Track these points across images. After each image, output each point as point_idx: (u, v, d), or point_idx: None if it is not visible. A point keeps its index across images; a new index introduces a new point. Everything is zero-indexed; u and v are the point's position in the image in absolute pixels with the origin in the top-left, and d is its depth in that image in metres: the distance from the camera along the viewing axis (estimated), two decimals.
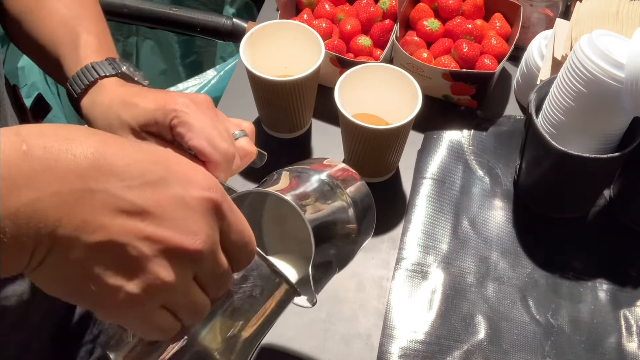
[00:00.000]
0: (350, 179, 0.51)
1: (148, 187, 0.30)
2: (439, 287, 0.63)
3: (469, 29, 0.76)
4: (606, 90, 0.54)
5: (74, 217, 0.28)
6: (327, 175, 0.48)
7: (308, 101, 0.71)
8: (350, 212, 0.47)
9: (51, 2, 0.54)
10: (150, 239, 0.30)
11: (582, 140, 0.59)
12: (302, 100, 0.69)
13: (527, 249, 0.66)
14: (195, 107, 0.47)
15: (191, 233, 0.31)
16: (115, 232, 0.29)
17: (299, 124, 0.74)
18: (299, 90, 0.68)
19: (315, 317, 0.62)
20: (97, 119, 0.50)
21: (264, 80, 0.66)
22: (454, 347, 0.59)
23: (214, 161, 0.46)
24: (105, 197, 0.29)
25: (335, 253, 0.47)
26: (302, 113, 0.72)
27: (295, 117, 0.72)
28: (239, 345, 0.38)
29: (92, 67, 0.50)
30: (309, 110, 0.74)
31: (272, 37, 0.70)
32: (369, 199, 0.51)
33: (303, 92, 0.68)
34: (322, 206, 0.46)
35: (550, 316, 0.61)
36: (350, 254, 0.50)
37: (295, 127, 0.75)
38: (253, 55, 0.69)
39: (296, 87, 0.67)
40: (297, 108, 0.70)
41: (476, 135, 0.75)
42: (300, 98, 0.69)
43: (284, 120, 0.73)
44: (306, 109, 0.73)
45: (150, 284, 0.30)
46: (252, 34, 0.69)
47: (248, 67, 0.66)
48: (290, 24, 0.71)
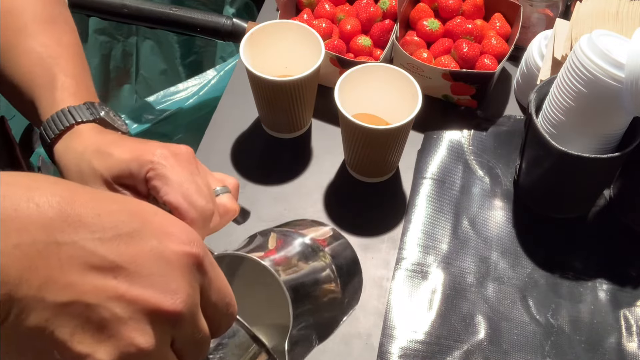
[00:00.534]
0: (337, 244, 0.48)
1: (122, 240, 0.28)
2: (439, 287, 0.63)
3: (469, 29, 0.76)
4: (606, 90, 0.54)
5: (37, 274, 0.25)
6: (310, 239, 0.46)
7: (308, 101, 0.71)
8: (333, 277, 0.45)
9: (26, 40, 0.50)
10: (124, 299, 0.27)
11: (582, 140, 0.59)
12: (302, 100, 0.69)
13: (527, 249, 0.66)
14: (173, 160, 0.43)
15: (170, 292, 0.28)
16: (84, 290, 0.26)
17: (299, 124, 0.74)
18: (299, 91, 0.68)
19: None
20: (68, 167, 0.46)
21: (264, 80, 0.66)
22: (454, 347, 0.59)
23: (189, 218, 0.42)
24: (73, 251, 0.26)
25: (316, 323, 0.44)
26: (302, 113, 0.72)
27: (295, 117, 0.72)
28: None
29: (68, 112, 0.47)
30: (309, 111, 0.74)
31: (272, 37, 0.70)
32: (356, 265, 0.48)
33: (303, 92, 0.68)
34: (303, 270, 0.43)
35: (550, 316, 0.61)
36: (333, 324, 0.46)
37: (295, 127, 0.75)
38: (253, 55, 0.69)
39: (296, 87, 0.67)
40: (297, 108, 0.70)
41: (476, 135, 0.75)
42: (301, 98, 0.69)
43: (284, 120, 0.73)
44: (306, 109, 0.73)
45: (123, 350, 0.27)
46: (252, 34, 0.69)
47: (248, 67, 0.66)
48: (291, 24, 0.71)
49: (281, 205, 0.70)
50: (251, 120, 0.78)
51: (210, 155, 0.75)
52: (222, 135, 0.77)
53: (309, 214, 0.69)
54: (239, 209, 0.49)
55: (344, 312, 0.47)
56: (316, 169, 0.74)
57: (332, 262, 0.44)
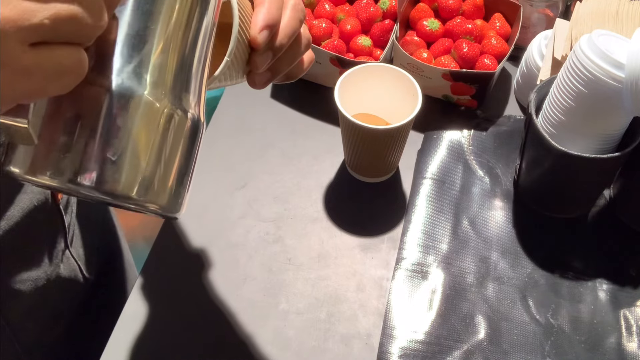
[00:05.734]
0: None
1: None
2: (439, 287, 0.63)
3: (469, 29, 0.76)
4: (606, 90, 0.54)
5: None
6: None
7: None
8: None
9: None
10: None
11: (582, 140, 0.59)
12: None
13: (527, 249, 0.66)
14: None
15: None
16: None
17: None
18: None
19: (315, 317, 0.62)
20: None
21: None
22: (454, 347, 0.59)
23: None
24: None
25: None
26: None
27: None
28: (171, 65, 0.31)
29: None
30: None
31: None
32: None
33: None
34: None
35: (550, 316, 0.61)
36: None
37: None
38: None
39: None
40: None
41: (476, 135, 0.75)
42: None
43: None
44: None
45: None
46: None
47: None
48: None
49: (281, 205, 0.70)
50: (251, 121, 0.78)
51: (210, 155, 0.75)
52: (222, 135, 0.77)
53: (309, 214, 0.69)
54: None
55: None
56: (316, 169, 0.74)
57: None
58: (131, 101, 0.29)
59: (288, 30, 0.40)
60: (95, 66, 0.29)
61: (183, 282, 0.65)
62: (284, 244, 0.67)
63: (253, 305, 0.63)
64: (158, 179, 0.30)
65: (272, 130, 0.77)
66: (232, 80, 0.41)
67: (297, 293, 0.63)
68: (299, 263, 0.66)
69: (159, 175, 0.30)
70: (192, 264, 0.66)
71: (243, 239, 0.68)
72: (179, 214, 0.33)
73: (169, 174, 0.31)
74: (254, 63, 0.39)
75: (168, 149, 0.31)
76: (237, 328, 0.61)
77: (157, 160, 0.30)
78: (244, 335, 0.61)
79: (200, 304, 0.63)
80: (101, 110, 0.28)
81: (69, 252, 0.67)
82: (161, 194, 0.31)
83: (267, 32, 0.38)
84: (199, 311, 0.63)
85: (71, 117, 0.28)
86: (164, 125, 0.30)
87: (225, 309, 0.63)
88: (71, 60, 0.25)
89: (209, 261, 0.66)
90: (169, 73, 0.31)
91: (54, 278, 0.64)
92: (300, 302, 0.63)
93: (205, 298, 0.63)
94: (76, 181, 0.28)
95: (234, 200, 0.71)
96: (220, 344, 0.60)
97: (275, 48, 0.39)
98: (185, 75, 0.32)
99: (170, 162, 0.31)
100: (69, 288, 0.68)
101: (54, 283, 0.64)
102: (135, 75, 0.29)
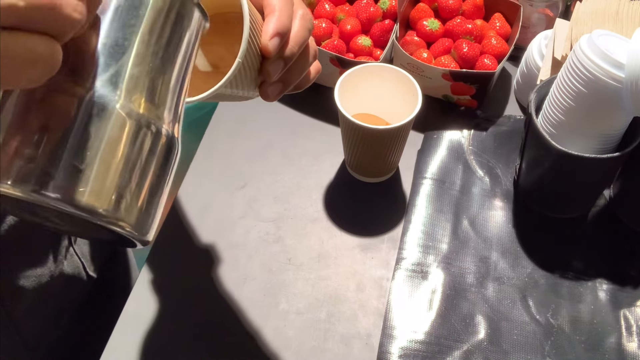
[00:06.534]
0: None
1: None
2: (439, 287, 0.63)
3: (469, 29, 0.76)
4: (606, 90, 0.54)
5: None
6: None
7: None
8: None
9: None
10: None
11: (582, 140, 0.59)
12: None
13: (527, 249, 0.66)
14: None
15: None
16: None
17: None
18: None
19: (315, 317, 0.62)
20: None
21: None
22: (454, 347, 0.59)
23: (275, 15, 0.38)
24: None
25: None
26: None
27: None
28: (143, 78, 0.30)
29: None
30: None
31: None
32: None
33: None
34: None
35: (550, 316, 0.61)
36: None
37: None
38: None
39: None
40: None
41: (476, 135, 0.75)
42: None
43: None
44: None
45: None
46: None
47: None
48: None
49: (281, 205, 0.70)
50: (251, 121, 0.78)
51: (210, 155, 0.75)
52: (222, 135, 0.77)
53: (309, 214, 0.69)
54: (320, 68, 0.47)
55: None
56: (316, 169, 0.74)
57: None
58: (104, 112, 0.28)
59: (298, 39, 0.40)
60: (69, 73, 0.28)
61: (183, 282, 0.65)
62: (284, 244, 0.67)
63: (253, 305, 0.63)
64: (128, 194, 0.29)
65: (272, 130, 0.78)
66: (244, 91, 0.41)
67: (297, 293, 0.63)
68: (299, 263, 0.66)
69: (129, 190, 0.29)
70: (192, 264, 0.66)
71: (243, 239, 0.68)
72: (148, 237, 0.31)
73: (140, 191, 0.29)
74: (266, 72, 0.40)
75: (140, 164, 0.29)
76: (237, 328, 0.61)
77: (128, 174, 0.29)
78: (244, 335, 0.61)
79: (201, 304, 0.63)
80: (71, 119, 0.27)
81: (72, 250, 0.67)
82: (131, 211, 0.29)
83: (278, 40, 0.39)
84: (199, 311, 0.63)
85: (39, 125, 0.27)
86: (136, 138, 0.29)
87: (225, 308, 0.63)
88: (44, 50, 0.24)
89: (209, 261, 0.66)
90: (146, 87, 0.30)
91: (58, 275, 0.64)
92: (300, 302, 0.63)
93: (205, 298, 0.63)
94: (40, 191, 0.26)
95: (234, 200, 0.71)
96: (221, 344, 0.60)
97: (286, 57, 0.40)
98: (163, 92, 0.31)
99: (141, 178, 0.29)
100: (72, 285, 0.68)
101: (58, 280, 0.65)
102: (110, 85, 0.28)
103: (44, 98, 0.27)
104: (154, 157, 0.30)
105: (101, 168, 0.28)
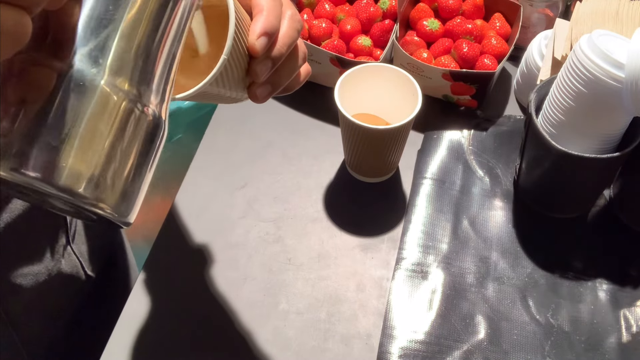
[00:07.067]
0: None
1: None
2: (439, 287, 0.63)
3: (469, 29, 0.76)
4: (606, 90, 0.54)
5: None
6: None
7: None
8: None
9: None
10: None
11: (582, 140, 0.59)
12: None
13: (527, 249, 0.66)
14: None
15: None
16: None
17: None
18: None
19: (315, 317, 0.62)
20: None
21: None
22: (454, 347, 0.59)
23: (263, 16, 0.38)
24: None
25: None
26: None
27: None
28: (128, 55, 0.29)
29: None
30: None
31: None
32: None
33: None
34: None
35: (550, 316, 0.61)
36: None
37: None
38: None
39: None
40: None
41: (476, 135, 0.75)
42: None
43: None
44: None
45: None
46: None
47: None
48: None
49: (281, 205, 0.70)
50: (251, 121, 0.78)
51: (210, 155, 0.75)
52: (222, 135, 0.77)
53: (309, 214, 0.69)
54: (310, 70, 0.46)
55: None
56: (316, 169, 0.74)
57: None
58: (86, 87, 0.26)
59: (286, 39, 0.40)
60: (49, 47, 0.26)
61: (183, 282, 0.65)
62: (284, 244, 0.67)
63: (253, 305, 0.63)
64: (109, 174, 0.27)
65: (272, 130, 0.78)
66: (231, 91, 0.41)
67: (297, 293, 0.63)
68: (299, 263, 0.66)
69: (111, 170, 0.28)
70: (192, 264, 0.66)
71: (243, 239, 0.68)
72: (129, 219, 0.29)
73: (122, 171, 0.28)
74: (254, 72, 0.40)
75: (123, 144, 0.28)
76: (237, 328, 0.61)
77: (110, 153, 0.27)
78: (244, 335, 0.61)
79: (201, 304, 0.63)
80: (51, 95, 0.26)
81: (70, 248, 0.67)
82: (111, 192, 0.28)
83: (266, 39, 0.38)
84: (199, 311, 0.63)
85: (15, 100, 0.25)
86: (120, 116, 0.28)
87: (225, 308, 0.63)
88: (12, 21, 0.23)
89: (209, 261, 0.66)
90: (131, 64, 0.28)
91: (55, 274, 0.64)
92: (300, 302, 0.63)
93: (205, 298, 0.63)
94: (16, 169, 0.25)
95: (234, 200, 0.71)
96: (221, 344, 0.60)
97: (274, 57, 0.40)
98: (150, 70, 0.29)
99: (124, 157, 0.28)
100: (70, 284, 0.68)
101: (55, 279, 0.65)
102: (92, 60, 0.27)
103: (22, 71, 0.26)
104: (137, 137, 0.29)
105: (81, 146, 0.26)
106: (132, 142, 0.29)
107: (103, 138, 0.27)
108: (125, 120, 0.28)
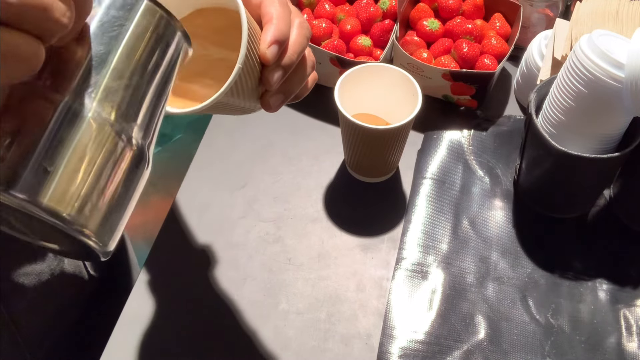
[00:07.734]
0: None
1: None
2: (439, 287, 0.63)
3: (469, 29, 0.76)
4: (606, 90, 0.54)
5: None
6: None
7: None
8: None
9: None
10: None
11: (582, 140, 0.59)
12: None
13: (527, 249, 0.66)
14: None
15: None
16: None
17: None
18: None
19: (315, 317, 0.62)
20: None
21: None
22: (454, 347, 0.59)
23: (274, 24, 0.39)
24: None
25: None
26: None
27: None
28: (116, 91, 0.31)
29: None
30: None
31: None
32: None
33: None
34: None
35: (550, 316, 0.61)
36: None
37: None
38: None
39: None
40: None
41: (476, 135, 0.75)
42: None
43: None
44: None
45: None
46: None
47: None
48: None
49: (281, 205, 0.70)
50: (251, 121, 0.78)
51: (210, 155, 0.75)
52: (222, 135, 0.77)
53: (309, 214, 0.69)
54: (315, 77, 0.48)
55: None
56: (316, 169, 0.74)
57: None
58: (76, 119, 0.29)
59: (297, 47, 0.41)
60: (50, 80, 0.29)
61: (183, 282, 0.65)
62: (284, 244, 0.67)
63: (253, 305, 0.63)
64: (92, 200, 0.29)
65: (272, 130, 0.78)
66: (245, 100, 0.41)
67: (297, 293, 0.63)
68: (299, 263, 0.66)
69: (94, 196, 0.29)
70: (192, 264, 0.66)
71: (243, 239, 0.68)
72: (108, 247, 0.31)
73: (104, 198, 0.30)
74: (267, 80, 0.40)
75: (106, 172, 0.30)
76: (237, 328, 0.61)
77: (94, 180, 0.29)
78: (244, 335, 0.61)
79: (201, 304, 0.63)
80: (45, 124, 0.28)
81: None
82: (93, 217, 0.30)
83: (277, 47, 0.39)
84: (199, 311, 0.63)
85: (13, 128, 0.28)
86: (105, 147, 0.30)
87: (225, 308, 0.63)
88: (29, 50, 0.25)
89: (209, 261, 0.66)
90: (119, 100, 0.31)
91: (58, 273, 0.65)
92: (300, 302, 0.63)
93: (205, 298, 0.63)
94: (6, 190, 0.27)
95: (234, 200, 0.71)
96: (221, 344, 0.60)
97: (285, 65, 0.40)
98: (137, 107, 0.32)
99: (107, 186, 0.30)
100: (73, 284, 0.68)
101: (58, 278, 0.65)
102: (86, 95, 0.29)
103: (22, 101, 0.28)
104: (121, 167, 0.31)
105: (67, 172, 0.28)
106: (116, 171, 0.31)
107: (88, 166, 0.29)
108: (110, 151, 0.30)
